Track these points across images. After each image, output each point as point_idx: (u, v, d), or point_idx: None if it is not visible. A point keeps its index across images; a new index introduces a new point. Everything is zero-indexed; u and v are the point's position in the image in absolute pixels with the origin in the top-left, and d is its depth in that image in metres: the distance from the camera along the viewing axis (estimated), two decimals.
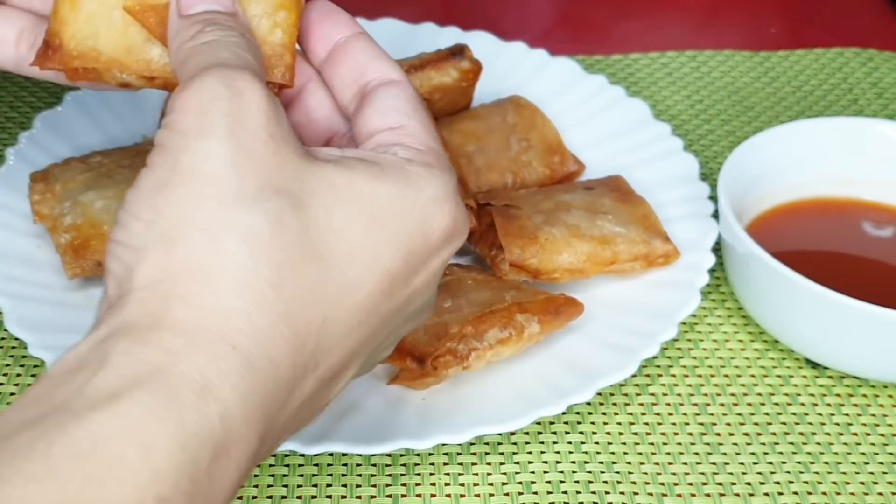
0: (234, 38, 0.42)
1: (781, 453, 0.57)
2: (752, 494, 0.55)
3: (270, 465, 0.55)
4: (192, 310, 0.36)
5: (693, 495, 0.55)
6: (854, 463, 0.57)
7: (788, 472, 0.56)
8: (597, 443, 0.57)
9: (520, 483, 0.55)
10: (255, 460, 0.38)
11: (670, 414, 0.59)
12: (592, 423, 0.58)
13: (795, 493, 0.55)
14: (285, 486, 0.54)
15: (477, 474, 0.55)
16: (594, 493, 0.54)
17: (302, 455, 0.55)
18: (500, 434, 0.57)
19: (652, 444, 0.57)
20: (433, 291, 0.44)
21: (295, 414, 0.40)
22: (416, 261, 0.41)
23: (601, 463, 0.56)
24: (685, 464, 0.56)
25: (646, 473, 0.55)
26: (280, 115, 0.39)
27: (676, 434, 0.58)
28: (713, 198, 0.68)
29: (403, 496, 0.54)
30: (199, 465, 0.34)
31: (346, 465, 0.55)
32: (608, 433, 0.57)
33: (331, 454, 0.55)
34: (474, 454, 0.56)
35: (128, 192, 0.39)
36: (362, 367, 0.43)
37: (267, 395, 0.37)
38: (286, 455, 0.55)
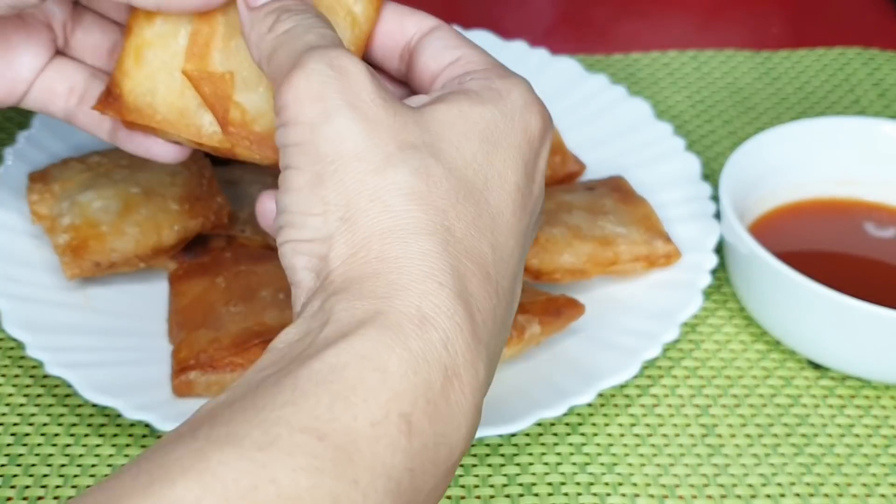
0: (311, 19, 0.43)
1: (783, 455, 0.57)
2: (753, 496, 0.54)
3: None
4: (391, 262, 0.38)
5: (694, 497, 0.54)
6: (856, 465, 0.57)
7: (790, 474, 0.56)
8: (598, 444, 0.57)
9: (520, 485, 0.54)
10: (483, 393, 0.39)
11: (672, 415, 0.58)
12: (594, 424, 0.58)
13: (797, 494, 0.55)
14: None
15: (477, 476, 0.55)
16: (595, 494, 0.54)
17: None
18: (500, 436, 0.56)
19: (653, 445, 0.57)
20: (543, 197, 0.46)
21: (499, 340, 0.41)
22: (531, 168, 0.43)
23: (602, 465, 0.56)
24: (686, 465, 0.56)
25: (647, 475, 0.55)
26: (380, 80, 0.41)
27: (678, 436, 0.57)
28: (715, 198, 0.68)
29: None
30: (433, 387, 0.37)
31: None
32: (609, 435, 0.57)
33: None
34: (475, 455, 0.56)
35: (280, 196, 0.41)
36: (519, 285, 0.45)
37: (478, 324, 0.39)
38: None
